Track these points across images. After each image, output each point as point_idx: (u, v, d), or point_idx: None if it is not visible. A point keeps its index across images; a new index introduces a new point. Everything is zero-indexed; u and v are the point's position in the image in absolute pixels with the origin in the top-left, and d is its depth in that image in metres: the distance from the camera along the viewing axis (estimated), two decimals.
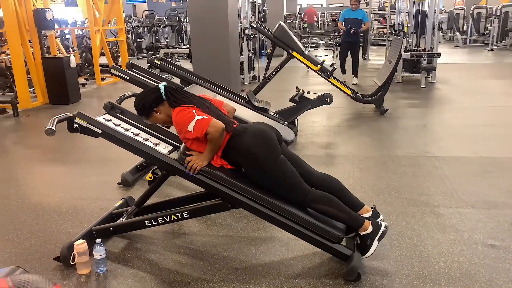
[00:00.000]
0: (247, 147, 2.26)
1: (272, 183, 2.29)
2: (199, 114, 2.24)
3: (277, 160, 2.27)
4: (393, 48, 6.35)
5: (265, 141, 2.29)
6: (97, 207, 3.20)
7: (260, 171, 2.27)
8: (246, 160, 2.29)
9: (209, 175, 2.30)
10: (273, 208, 2.26)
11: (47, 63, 7.17)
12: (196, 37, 6.16)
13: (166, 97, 2.37)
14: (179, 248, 2.59)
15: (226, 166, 2.37)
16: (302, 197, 2.28)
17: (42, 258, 2.51)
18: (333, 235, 2.25)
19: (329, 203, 2.29)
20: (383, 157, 4.13)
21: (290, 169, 2.29)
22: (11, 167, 4.17)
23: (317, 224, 2.25)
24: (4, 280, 0.97)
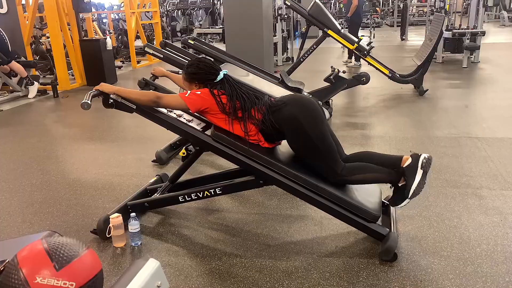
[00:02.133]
0: (291, 114, 2.21)
1: (314, 151, 2.21)
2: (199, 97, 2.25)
3: (322, 127, 2.22)
4: (433, 25, 6.07)
5: (309, 109, 2.24)
6: (132, 183, 3.25)
7: (304, 139, 2.20)
8: (291, 128, 2.22)
9: (242, 151, 2.27)
10: (306, 185, 2.21)
11: (84, 45, 7.32)
12: (229, 17, 6.11)
13: (216, 83, 2.34)
14: (211, 224, 2.60)
15: (262, 144, 2.33)
16: (339, 170, 2.21)
17: (80, 231, 2.59)
18: (369, 213, 2.18)
19: (364, 170, 2.22)
20: (421, 137, 3.98)
21: (331, 141, 2.24)
22: (52, 145, 4.31)
23: (351, 202, 2.19)
24: (39, 241, 0.98)
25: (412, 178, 2.12)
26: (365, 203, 2.23)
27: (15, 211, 2.89)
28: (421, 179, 2.12)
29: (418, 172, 2.12)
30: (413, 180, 2.12)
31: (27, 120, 5.33)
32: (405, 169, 2.16)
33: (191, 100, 2.26)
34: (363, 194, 2.31)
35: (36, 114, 5.63)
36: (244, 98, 2.31)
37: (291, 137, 2.28)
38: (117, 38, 10.46)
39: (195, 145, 2.51)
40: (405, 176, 2.15)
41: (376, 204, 2.28)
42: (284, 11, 8.99)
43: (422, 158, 2.15)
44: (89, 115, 5.26)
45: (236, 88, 2.35)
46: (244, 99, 2.31)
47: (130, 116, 2.45)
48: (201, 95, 2.28)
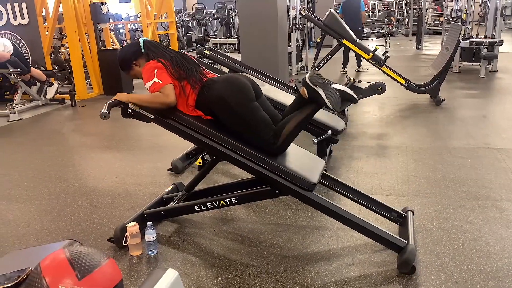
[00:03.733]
0: (217, 93, 2.29)
1: (245, 128, 2.29)
2: (159, 76, 2.30)
3: (248, 105, 2.28)
4: (450, 34, 6.02)
5: (236, 87, 2.31)
6: (148, 192, 3.28)
7: (232, 116, 2.29)
8: (219, 107, 2.31)
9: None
10: (244, 154, 2.27)
11: (102, 55, 7.45)
12: (245, 27, 6.16)
13: (144, 51, 2.46)
14: (227, 234, 2.60)
15: (204, 117, 2.38)
16: (269, 137, 2.27)
17: (97, 239, 2.61)
18: (305, 181, 2.20)
19: (285, 123, 2.28)
20: (438, 148, 3.93)
21: (261, 116, 2.30)
22: (70, 153, 4.37)
23: (286, 170, 2.22)
24: (62, 250, 1.00)
25: (320, 98, 2.16)
26: (302, 171, 2.24)
27: (34, 219, 2.93)
28: (325, 92, 2.15)
29: (318, 90, 2.16)
30: (322, 98, 2.16)
31: (46, 128, 5.43)
32: (310, 98, 2.22)
33: (165, 78, 2.30)
34: (303, 165, 2.36)
35: (55, 123, 5.73)
36: (181, 61, 2.40)
37: (222, 117, 2.34)
38: None
39: (211, 154, 2.51)
40: (314, 101, 2.21)
41: (314, 174, 2.31)
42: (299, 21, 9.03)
43: (308, 80, 2.19)
44: (106, 124, 5.33)
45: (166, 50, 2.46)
46: (183, 63, 2.40)
47: (146, 124, 2.48)
48: (159, 70, 2.32)
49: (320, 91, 2.17)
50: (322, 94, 2.16)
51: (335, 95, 2.16)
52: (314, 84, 2.18)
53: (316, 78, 2.19)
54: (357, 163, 3.67)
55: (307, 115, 2.28)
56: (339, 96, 2.18)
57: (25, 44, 7.32)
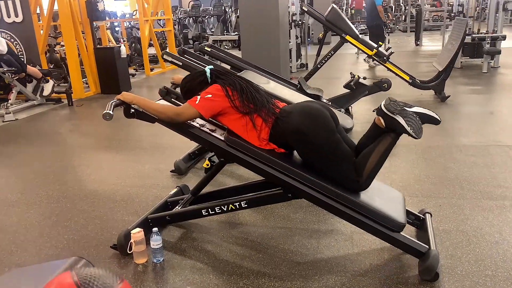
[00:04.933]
0: (295, 125, 2.09)
1: (327, 162, 2.10)
2: (205, 101, 2.14)
3: (330, 137, 2.08)
4: (455, 30, 5.91)
5: (315, 118, 2.10)
6: (151, 195, 3.15)
7: (312, 150, 2.09)
8: (297, 141, 2.12)
9: (269, 162, 2.16)
10: (329, 194, 2.08)
11: (98, 53, 7.30)
12: (245, 23, 6.02)
13: (211, 80, 2.28)
14: (236, 239, 2.48)
15: (277, 150, 2.21)
16: (351, 173, 2.08)
17: (99, 246, 2.49)
18: (393, 222, 2.04)
19: (366, 156, 2.09)
20: (448, 146, 3.83)
21: (344, 149, 2.11)
22: (68, 154, 4.24)
23: (375, 210, 2.06)
24: (68, 273, 0.87)
25: (399, 126, 2.02)
26: (388, 211, 2.09)
27: (32, 224, 2.80)
28: (405, 119, 2.01)
29: (398, 118, 2.02)
30: (402, 126, 2.01)
31: (42, 129, 5.28)
32: (388, 127, 2.07)
33: (203, 106, 2.14)
34: (385, 201, 2.19)
35: (51, 123, 5.58)
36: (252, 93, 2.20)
37: (300, 151, 2.18)
38: (130, 46, 10.45)
39: (219, 156, 2.39)
40: (395, 130, 2.06)
41: (400, 212, 2.15)
42: (298, 17, 8.91)
43: (385, 109, 2.05)
44: (105, 124, 5.18)
45: (235, 79, 2.27)
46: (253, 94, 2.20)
47: (147, 124, 2.34)
48: (212, 98, 2.15)
49: (400, 119, 2.00)
50: (402, 122, 2.00)
51: (415, 120, 2.01)
52: (392, 112, 2.02)
53: (393, 105, 2.03)
54: None
55: (388, 146, 2.08)
56: (420, 121, 2.03)
57: (20, 42, 7.16)
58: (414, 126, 2.01)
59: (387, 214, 2.07)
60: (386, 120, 2.07)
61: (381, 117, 2.09)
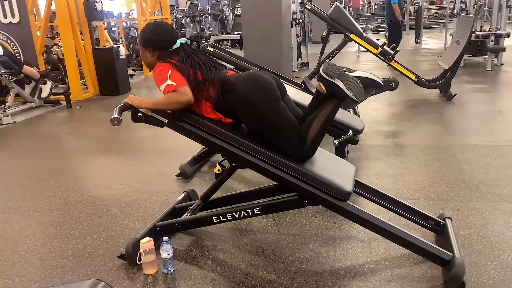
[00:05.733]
0: (240, 93, 2.06)
1: (272, 131, 2.07)
2: (173, 77, 2.07)
3: (274, 105, 2.07)
4: (460, 28, 5.83)
5: (261, 85, 2.08)
6: (157, 200, 3.05)
7: (256, 118, 2.07)
8: (242, 109, 2.09)
9: (213, 132, 2.10)
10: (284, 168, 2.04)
11: (97, 54, 7.18)
12: (248, 22, 5.92)
13: (171, 52, 2.19)
14: (248, 247, 2.38)
15: (224, 120, 2.17)
16: (296, 141, 2.06)
17: (106, 255, 2.38)
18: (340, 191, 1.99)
19: (309, 124, 2.06)
20: (459, 146, 3.74)
21: (289, 117, 2.08)
22: (68, 158, 4.12)
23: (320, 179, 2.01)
24: None
25: (339, 90, 1.96)
26: (334, 179, 2.03)
27: (35, 233, 2.69)
28: (345, 82, 1.95)
29: (337, 82, 1.96)
30: (342, 90, 1.95)
31: (41, 132, 5.16)
32: (329, 92, 2.02)
33: (179, 80, 2.06)
34: (334, 171, 2.15)
35: (50, 126, 5.46)
36: (201, 65, 2.16)
37: (245, 119, 2.13)
38: (128, 46, 10.32)
39: (231, 161, 2.29)
40: (335, 95, 2.02)
41: (348, 181, 2.09)
42: (299, 16, 8.81)
43: (323, 74, 2.00)
44: (105, 126, 5.08)
45: (194, 55, 2.20)
46: (201, 66, 2.15)
47: (148, 126, 2.23)
48: (173, 72, 2.08)
49: (338, 82, 1.96)
50: (341, 85, 1.95)
51: (356, 84, 1.95)
52: (331, 77, 1.97)
53: (331, 69, 1.98)
54: (376, 164, 3.47)
55: (330, 112, 2.05)
56: (361, 84, 1.96)
57: (17, 43, 7.03)
58: (354, 90, 1.96)
59: (332, 182, 2.01)
60: (326, 85, 2.03)
61: (321, 82, 2.04)
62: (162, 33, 2.25)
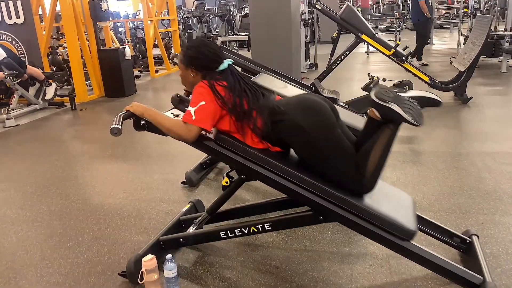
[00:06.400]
0: (292, 122, 1.86)
1: (328, 162, 1.86)
2: (200, 111, 1.88)
3: (331, 133, 1.86)
4: (477, 28, 5.63)
5: (314, 111, 1.88)
6: (162, 210, 2.90)
7: (310, 147, 1.86)
8: (294, 138, 1.89)
9: (261, 162, 1.91)
10: (344, 205, 1.84)
11: (102, 55, 7.06)
12: (256, 23, 5.76)
13: (216, 73, 1.99)
14: (258, 264, 2.22)
15: (271, 149, 1.99)
16: (354, 173, 1.85)
17: (106, 272, 2.23)
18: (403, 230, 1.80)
19: (367, 153, 1.84)
20: (479, 153, 3.55)
21: (346, 145, 1.88)
22: (71, 163, 3.99)
23: (382, 216, 1.82)
24: None
25: (396, 115, 1.76)
26: (397, 216, 1.84)
27: (33, 246, 2.55)
28: (401, 106, 1.75)
29: (392, 106, 1.76)
30: (399, 115, 1.75)
31: (44, 135, 5.05)
32: (384, 118, 1.82)
33: (201, 119, 1.89)
34: (393, 206, 1.96)
35: (54, 129, 5.34)
36: (247, 92, 1.97)
37: (298, 149, 1.95)
38: (134, 47, 10.22)
39: (239, 172, 2.13)
40: (392, 120, 1.81)
41: (410, 217, 1.90)
42: (307, 16, 8.64)
43: (375, 98, 1.80)
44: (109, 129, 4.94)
45: (240, 80, 2.00)
46: (247, 93, 1.96)
47: None
48: (206, 105, 1.89)
49: (394, 107, 1.75)
50: (398, 110, 1.74)
51: (413, 105, 1.75)
52: (384, 101, 1.77)
53: (384, 92, 1.79)
54: (391, 172, 3.30)
55: (388, 139, 1.83)
56: (419, 106, 1.78)
57: (21, 44, 6.94)
58: (412, 113, 1.75)
59: (395, 220, 1.82)
60: (380, 111, 1.83)
61: (374, 108, 1.85)
62: (208, 52, 2.02)
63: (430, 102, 1.85)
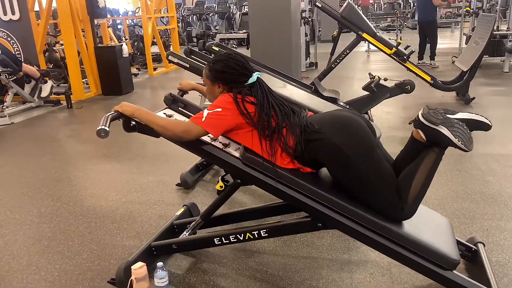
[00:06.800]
0: (328, 142, 1.74)
1: (368, 185, 1.74)
2: (212, 117, 1.79)
3: (371, 155, 1.74)
4: (480, 27, 5.53)
5: (353, 131, 1.76)
6: (155, 213, 2.81)
7: (349, 170, 1.73)
8: (330, 160, 1.77)
9: (293, 185, 1.80)
10: (384, 233, 1.72)
11: (99, 52, 6.96)
12: (255, 20, 5.66)
13: (244, 87, 1.87)
14: (254, 272, 2.13)
15: (302, 170, 1.86)
16: (394, 197, 1.73)
17: (95, 280, 2.14)
18: (446, 259, 1.70)
19: (410, 177, 1.74)
20: (483, 156, 3.46)
21: (386, 167, 1.76)
22: (65, 164, 3.89)
23: (424, 245, 1.70)
24: None
25: (445, 139, 1.66)
26: (439, 245, 1.73)
27: (20, 250, 2.46)
28: (450, 129, 1.65)
29: (441, 129, 1.66)
30: (448, 139, 1.66)
31: (39, 134, 4.95)
32: (430, 141, 1.73)
33: (210, 124, 1.79)
34: (433, 232, 1.85)
35: (49, 128, 5.24)
36: (274, 108, 1.85)
37: (334, 172, 1.81)
38: (132, 45, 10.11)
39: (235, 177, 2.04)
40: (439, 144, 1.71)
41: (451, 245, 1.79)
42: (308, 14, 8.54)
43: (424, 120, 1.70)
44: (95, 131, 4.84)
45: (268, 95, 1.89)
46: (276, 110, 1.84)
47: None
48: (222, 112, 1.79)
49: (444, 130, 1.65)
50: (448, 134, 1.64)
51: (463, 129, 1.65)
52: (433, 123, 1.67)
53: (434, 114, 1.68)
54: None
55: (433, 164, 1.74)
56: (468, 129, 1.67)
57: (17, 41, 6.83)
58: (462, 137, 1.65)
59: (438, 249, 1.71)
60: (427, 133, 1.72)
61: (421, 130, 1.74)
62: (236, 65, 1.90)
63: (479, 126, 1.73)
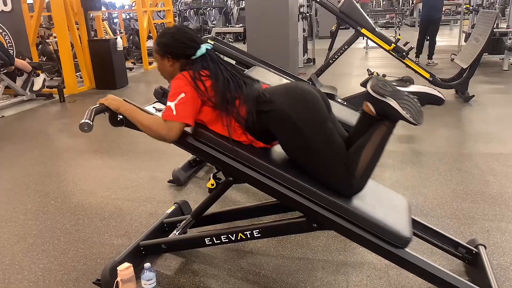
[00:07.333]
0: (279, 112, 1.67)
1: (314, 158, 1.67)
2: (180, 106, 1.70)
3: (322, 126, 1.67)
4: (480, 24, 5.45)
5: (305, 101, 1.69)
6: (145, 211, 2.72)
7: (298, 141, 1.67)
8: (281, 130, 1.70)
9: (242, 158, 1.73)
10: (334, 209, 1.65)
11: (93, 45, 6.84)
12: (252, 15, 5.56)
13: (194, 61, 1.80)
14: (246, 274, 2.04)
15: (255, 144, 1.80)
16: (344, 171, 1.66)
17: (80, 280, 2.05)
18: (397, 237, 1.62)
19: (359, 150, 1.66)
20: (483, 155, 3.38)
21: (338, 141, 1.69)
22: (54, 159, 3.79)
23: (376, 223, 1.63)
24: None
25: (393, 111, 1.57)
26: (390, 222, 1.66)
27: (4, 248, 2.36)
28: (399, 101, 1.56)
29: (389, 101, 1.57)
30: (396, 111, 1.56)
31: (30, 128, 4.84)
32: (380, 114, 1.63)
33: (184, 115, 1.70)
34: (387, 210, 1.77)
35: (40, 122, 5.13)
36: (228, 80, 1.77)
37: (284, 142, 1.74)
38: (128, 38, 9.97)
39: (226, 174, 1.95)
40: (388, 117, 1.62)
41: (404, 223, 1.72)
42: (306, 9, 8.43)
43: (372, 91, 1.60)
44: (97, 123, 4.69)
45: (220, 66, 1.81)
46: (229, 81, 1.77)
47: None
48: (186, 97, 1.71)
49: (391, 102, 1.56)
50: (395, 105, 1.56)
51: (412, 102, 1.57)
52: (381, 95, 1.58)
53: (382, 86, 1.59)
54: (390, 173, 3.12)
55: (382, 137, 1.65)
56: (419, 103, 1.60)
57: (8, 33, 6.68)
58: (411, 110, 1.56)
59: (389, 226, 1.64)
60: (376, 105, 1.63)
61: (370, 103, 1.65)
62: (184, 39, 1.83)
63: (431, 99, 1.67)
